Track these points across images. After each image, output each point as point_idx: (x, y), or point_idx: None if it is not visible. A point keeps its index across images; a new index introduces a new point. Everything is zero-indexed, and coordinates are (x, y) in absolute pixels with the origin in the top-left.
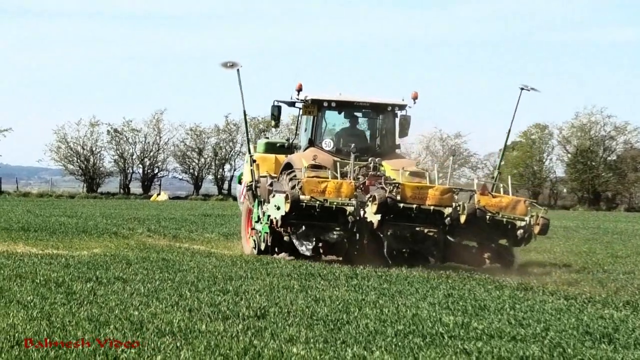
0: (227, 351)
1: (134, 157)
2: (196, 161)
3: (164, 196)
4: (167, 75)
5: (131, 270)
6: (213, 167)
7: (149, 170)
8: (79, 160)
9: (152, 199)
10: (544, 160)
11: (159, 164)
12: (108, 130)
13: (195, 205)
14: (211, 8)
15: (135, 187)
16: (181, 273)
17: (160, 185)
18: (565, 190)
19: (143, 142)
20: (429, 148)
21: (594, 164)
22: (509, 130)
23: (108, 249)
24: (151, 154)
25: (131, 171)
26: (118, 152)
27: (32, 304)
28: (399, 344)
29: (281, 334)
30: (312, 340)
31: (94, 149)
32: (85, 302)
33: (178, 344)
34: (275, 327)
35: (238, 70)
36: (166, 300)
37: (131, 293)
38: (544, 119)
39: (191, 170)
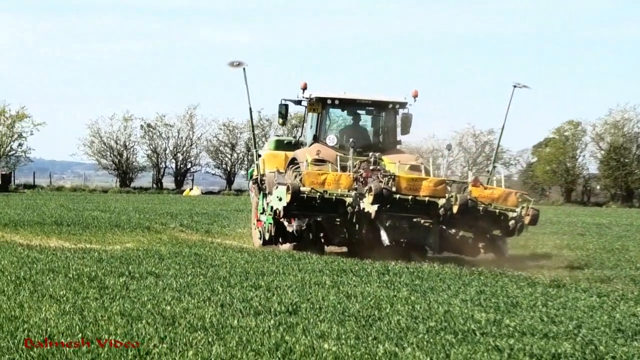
0: (259, 347)
1: (166, 152)
2: (229, 156)
3: (196, 191)
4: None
5: (163, 265)
6: (245, 162)
7: (181, 165)
8: (112, 155)
9: (184, 193)
10: (577, 157)
11: (192, 159)
12: (141, 125)
13: (228, 200)
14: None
15: (168, 182)
16: (213, 268)
17: (192, 180)
18: (598, 187)
19: (176, 137)
20: (462, 144)
21: (627, 160)
22: (503, 127)
23: (141, 244)
24: (184, 149)
25: (164, 166)
26: (151, 146)
27: (64, 298)
28: (431, 340)
29: (313, 330)
30: (343, 336)
31: (127, 143)
32: (117, 297)
33: (210, 339)
34: (307, 323)
35: (244, 69)
36: (198, 295)
37: (163, 288)
38: (577, 116)
39: (224, 166)
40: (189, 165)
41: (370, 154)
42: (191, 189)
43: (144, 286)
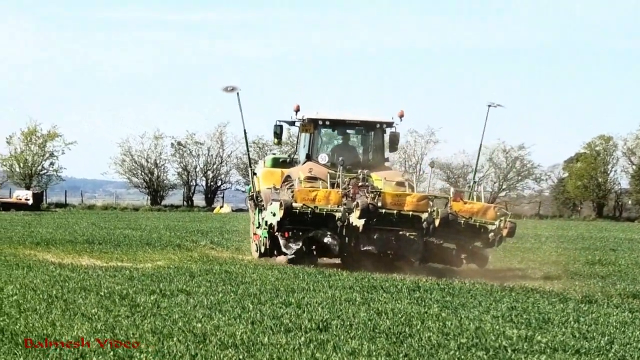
0: None
1: (197, 169)
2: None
3: (227, 208)
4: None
5: (194, 282)
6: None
7: (212, 183)
8: (143, 173)
9: (215, 211)
10: (609, 172)
11: (222, 176)
12: (172, 143)
13: None
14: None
15: (199, 200)
16: (244, 285)
17: (223, 197)
18: (630, 202)
19: (206, 155)
20: (492, 160)
21: None
22: (480, 145)
23: (171, 262)
24: (214, 166)
25: (194, 184)
26: (182, 164)
27: (96, 316)
28: (462, 357)
29: (343, 347)
30: (374, 353)
31: (158, 161)
32: (149, 315)
33: (241, 357)
34: (338, 340)
35: (237, 93)
36: (229, 312)
37: (194, 305)
38: (608, 130)
39: None
40: (219, 183)
41: (359, 171)
42: (222, 207)
43: (175, 304)
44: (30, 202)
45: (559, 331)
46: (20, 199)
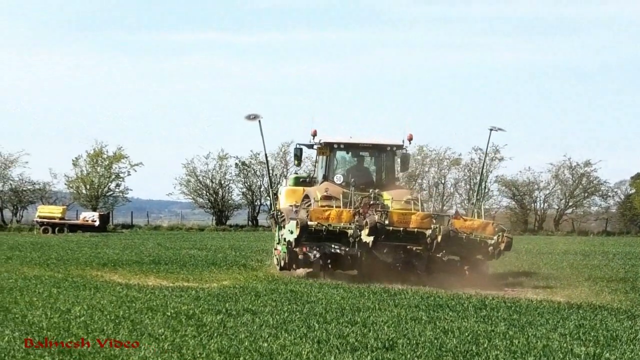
0: None
1: (261, 189)
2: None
3: None
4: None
5: (260, 302)
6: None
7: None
8: (207, 194)
9: None
10: None
11: None
12: (236, 164)
13: None
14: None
15: (264, 219)
16: (309, 304)
17: None
18: None
19: (271, 175)
20: (558, 177)
21: None
22: (483, 165)
23: (237, 281)
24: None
25: (259, 203)
26: (246, 184)
27: (163, 336)
28: None
29: None
30: None
31: (222, 181)
32: (215, 334)
33: None
34: (404, 359)
35: (259, 121)
36: (295, 331)
37: (260, 325)
38: None
39: None
40: None
41: (371, 190)
42: None
43: (241, 323)
44: (97, 223)
45: (627, 348)
46: (87, 221)
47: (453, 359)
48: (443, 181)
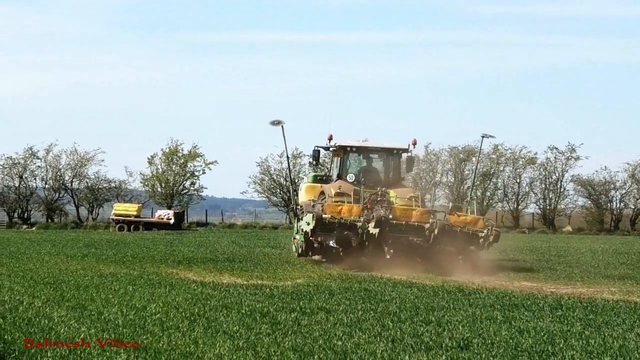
0: None
1: None
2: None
3: None
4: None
5: (334, 300)
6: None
7: None
8: (281, 192)
9: None
10: None
11: None
12: (310, 162)
13: None
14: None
15: None
16: (383, 303)
17: None
18: None
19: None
20: (635, 176)
21: None
22: (475, 169)
23: (311, 279)
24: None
25: None
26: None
27: (238, 334)
28: None
29: None
30: None
31: (296, 180)
32: (289, 332)
33: None
34: (479, 358)
35: (282, 126)
36: (369, 330)
37: (334, 323)
38: None
39: None
40: None
41: (378, 188)
42: None
43: (315, 321)
44: (172, 221)
45: None
46: (162, 218)
47: (529, 358)
48: (518, 180)
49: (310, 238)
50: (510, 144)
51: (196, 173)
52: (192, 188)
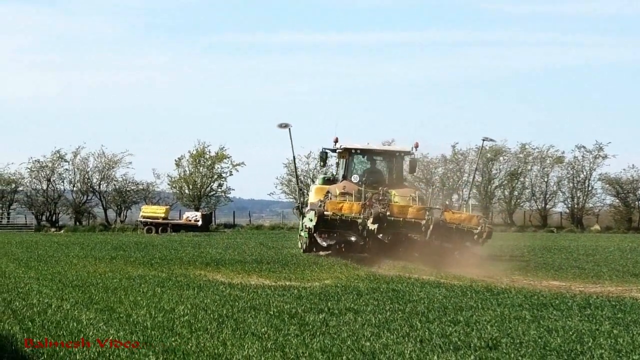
0: None
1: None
2: (424, 191)
3: None
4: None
5: (362, 301)
6: (440, 197)
7: None
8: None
9: None
10: None
11: None
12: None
13: None
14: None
15: None
16: (411, 304)
17: None
18: None
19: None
20: None
21: None
22: (475, 170)
23: (339, 280)
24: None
25: None
26: None
27: (266, 335)
28: None
29: None
30: None
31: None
32: (317, 333)
33: None
34: (508, 358)
35: (289, 129)
36: (397, 330)
37: (362, 324)
38: None
39: None
40: None
41: (380, 188)
42: None
43: (344, 322)
44: (200, 223)
45: None
46: (190, 220)
47: (557, 358)
48: (546, 180)
49: (314, 234)
50: (537, 143)
51: (223, 175)
52: (219, 190)
